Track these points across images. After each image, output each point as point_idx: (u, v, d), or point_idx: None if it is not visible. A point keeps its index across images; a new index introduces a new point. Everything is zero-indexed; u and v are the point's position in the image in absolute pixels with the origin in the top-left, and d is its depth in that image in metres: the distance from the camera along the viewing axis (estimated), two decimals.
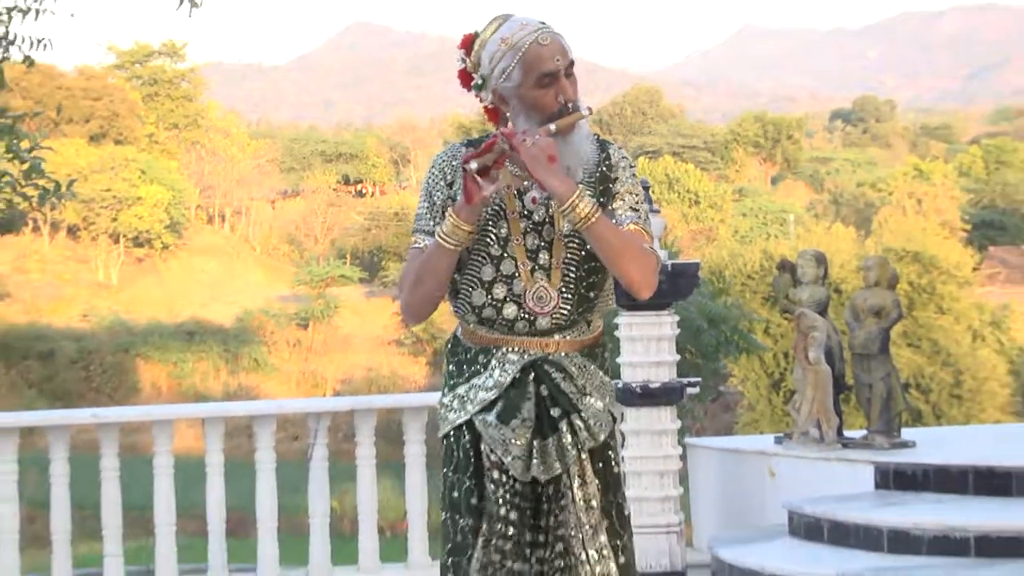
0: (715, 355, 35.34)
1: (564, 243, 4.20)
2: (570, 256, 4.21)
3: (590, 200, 4.07)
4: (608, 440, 4.28)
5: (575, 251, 4.20)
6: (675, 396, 9.10)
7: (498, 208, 4.21)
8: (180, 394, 48.04)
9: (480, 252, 4.21)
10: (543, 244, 4.21)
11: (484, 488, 4.21)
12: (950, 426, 30.58)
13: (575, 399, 4.21)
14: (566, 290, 4.21)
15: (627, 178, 4.26)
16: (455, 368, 4.31)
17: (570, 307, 4.22)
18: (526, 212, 4.22)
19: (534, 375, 4.20)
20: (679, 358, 9.38)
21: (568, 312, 4.22)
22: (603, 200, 4.21)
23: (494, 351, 4.24)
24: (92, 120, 66.44)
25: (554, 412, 4.19)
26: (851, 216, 65.25)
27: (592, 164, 4.24)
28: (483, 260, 4.21)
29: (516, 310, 4.20)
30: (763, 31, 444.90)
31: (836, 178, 78.56)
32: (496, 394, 4.20)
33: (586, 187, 4.18)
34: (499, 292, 4.21)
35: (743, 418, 42.09)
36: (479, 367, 4.25)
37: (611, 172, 4.26)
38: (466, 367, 4.28)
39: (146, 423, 9.16)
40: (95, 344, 50.54)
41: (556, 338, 4.23)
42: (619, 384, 8.94)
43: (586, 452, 4.22)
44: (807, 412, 9.13)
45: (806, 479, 8.66)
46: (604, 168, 4.26)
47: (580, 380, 4.23)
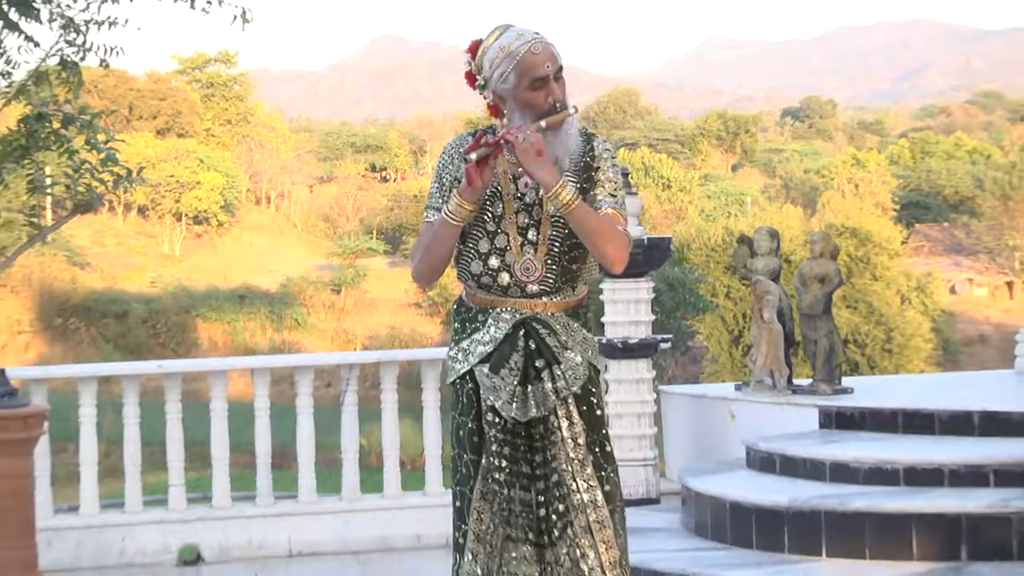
0: (673, 314, 35.36)
1: (550, 222, 4.18)
2: (555, 233, 4.18)
3: (572, 188, 4.05)
4: (590, 387, 4.24)
5: (559, 229, 4.18)
6: (650, 350, 9.09)
7: (495, 190, 4.18)
8: (233, 348, 48.06)
9: (479, 227, 4.19)
10: (532, 222, 4.19)
11: (483, 428, 4.19)
12: (882, 375, 30.58)
13: (557, 352, 4.18)
14: (550, 261, 4.18)
15: (608, 168, 4.23)
16: (459, 325, 4.30)
17: (554, 276, 4.19)
18: (519, 194, 4.20)
19: (524, 331, 4.18)
20: (654, 318, 9.37)
21: (553, 280, 4.19)
22: (586, 186, 4.18)
23: (491, 311, 4.21)
24: (158, 117, 66.39)
25: (538, 363, 4.17)
26: (799, 198, 65.19)
27: (578, 155, 4.20)
28: (481, 234, 4.19)
29: (509, 278, 4.18)
30: (725, 41, 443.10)
31: (786, 166, 78.43)
32: (492, 347, 4.18)
33: (571, 175, 4.15)
34: (494, 262, 4.19)
35: (708, 369, 42.15)
36: (479, 324, 4.23)
37: (594, 162, 4.22)
38: (468, 324, 4.26)
39: (204, 373, 9.15)
40: (161, 306, 50.54)
41: (544, 300, 4.20)
42: (603, 340, 8.92)
43: (571, 397, 4.20)
44: (762, 363, 9.10)
45: (761, 420, 8.65)
46: (588, 158, 4.22)
47: (563, 336, 4.21)
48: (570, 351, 4.21)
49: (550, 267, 4.18)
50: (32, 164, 14.62)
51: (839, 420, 8.27)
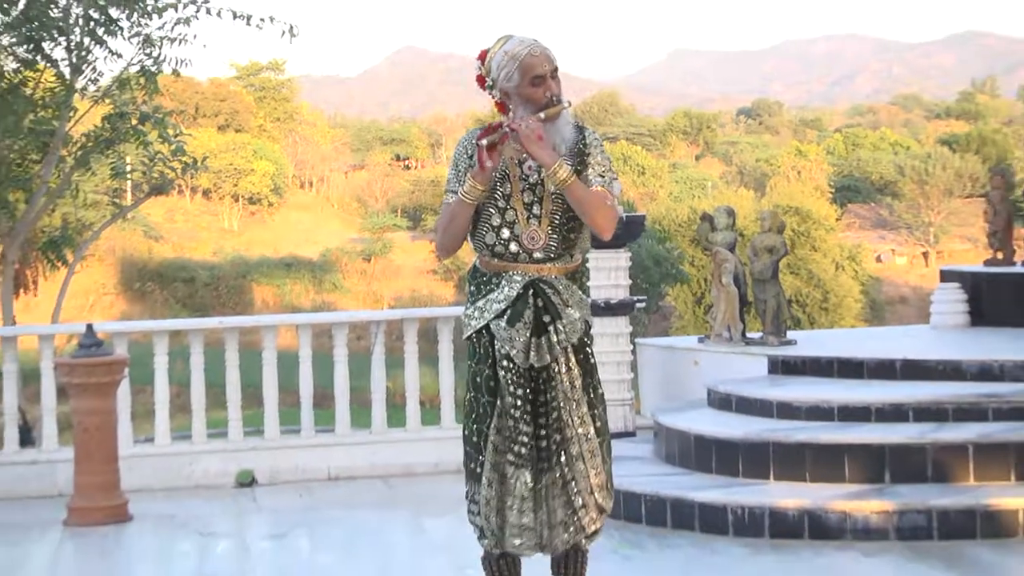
0: (659, 285, 36.03)
1: (551, 199, 4.16)
2: (555, 208, 4.16)
3: (568, 168, 4.05)
4: (584, 339, 4.25)
5: (559, 204, 4.16)
6: (628, 309, 9.06)
7: (504, 173, 4.17)
8: (281, 307, 48.10)
9: (491, 205, 4.17)
10: (536, 199, 4.17)
11: (497, 374, 4.17)
12: (820, 330, 30.58)
13: (560, 309, 4.17)
14: (552, 231, 4.17)
15: (598, 153, 4.21)
16: (475, 288, 4.27)
17: (556, 244, 4.18)
18: (524, 176, 4.17)
19: (532, 291, 4.16)
20: (631, 282, 9.33)
21: (555, 247, 4.18)
22: (579, 169, 4.16)
23: (504, 275, 4.19)
24: (219, 115, 66.17)
25: (545, 318, 4.15)
26: (751, 183, 65.00)
27: (572, 143, 4.18)
28: (493, 210, 4.17)
29: (517, 246, 4.16)
30: (690, 52, 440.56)
31: (741, 156, 78.16)
32: (506, 305, 4.16)
33: (566, 159, 4.13)
34: (504, 234, 4.17)
35: (675, 324, 42.16)
36: (493, 286, 4.20)
37: (586, 149, 4.20)
38: (483, 287, 4.23)
39: (257, 327, 9.20)
40: (221, 272, 50.59)
41: (548, 265, 4.19)
42: (589, 300, 8.89)
43: (569, 347, 4.19)
44: (721, 320, 9.09)
45: (720, 367, 8.64)
46: (581, 146, 4.20)
47: (565, 295, 4.20)
48: (570, 308, 4.20)
49: (552, 236, 4.16)
50: (115, 154, 14.66)
51: (784, 367, 8.27)
